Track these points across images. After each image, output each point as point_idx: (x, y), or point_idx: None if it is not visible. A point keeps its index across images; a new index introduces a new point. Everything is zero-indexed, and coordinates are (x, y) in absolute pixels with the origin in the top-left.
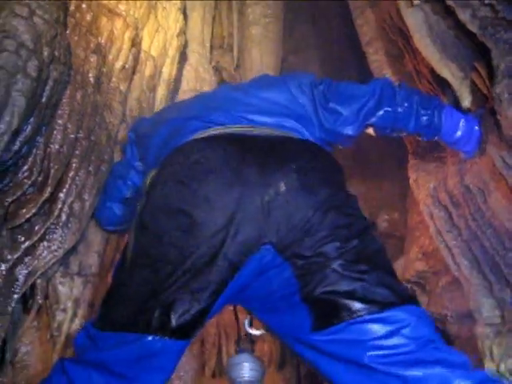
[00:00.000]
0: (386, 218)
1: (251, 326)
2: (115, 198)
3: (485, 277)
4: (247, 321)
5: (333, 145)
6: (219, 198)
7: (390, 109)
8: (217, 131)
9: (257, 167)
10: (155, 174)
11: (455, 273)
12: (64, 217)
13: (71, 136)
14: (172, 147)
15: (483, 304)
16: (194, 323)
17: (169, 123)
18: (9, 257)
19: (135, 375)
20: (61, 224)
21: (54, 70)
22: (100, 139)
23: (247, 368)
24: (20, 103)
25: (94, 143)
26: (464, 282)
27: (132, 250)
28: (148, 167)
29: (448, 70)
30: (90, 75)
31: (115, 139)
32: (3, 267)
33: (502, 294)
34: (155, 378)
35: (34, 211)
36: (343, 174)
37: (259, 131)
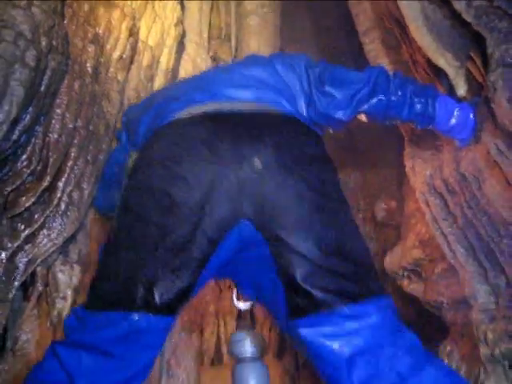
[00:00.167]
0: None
1: (239, 300)
2: (113, 184)
3: (480, 264)
4: (234, 294)
5: (323, 127)
6: (195, 177)
7: (384, 97)
8: (194, 110)
9: (230, 144)
10: (137, 158)
11: (451, 260)
12: (63, 205)
13: (69, 125)
14: (153, 130)
15: (478, 290)
16: (179, 299)
17: (154, 107)
18: (9, 245)
19: (122, 353)
20: (60, 212)
21: (52, 60)
22: (98, 129)
23: (249, 344)
24: (18, 93)
25: (92, 133)
26: (459, 269)
27: (116, 231)
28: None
29: (444, 59)
30: (88, 65)
31: (113, 129)
32: (3, 255)
33: (497, 281)
34: (142, 356)
35: (34, 200)
36: (324, 150)
37: (237, 106)
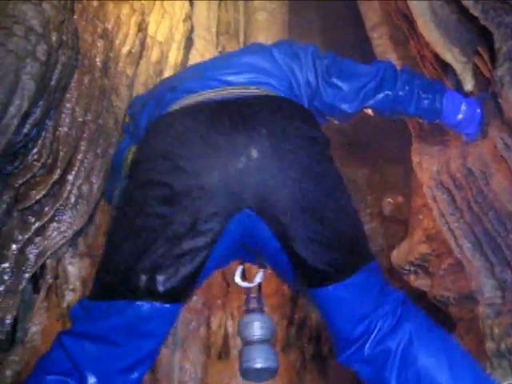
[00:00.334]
0: (391, 202)
1: (243, 279)
2: (122, 175)
3: (486, 258)
4: (239, 271)
5: (329, 118)
6: (195, 170)
7: (391, 92)
8: (190, 100)
9: (226, 135)
10: (137, 151)
11: (458, 255)
12: (73, 199)
13: (79, 119)
14: (151, 122)
15: (485, 285)
16: (183, 287)
17: (152, 100)
18: (20, 237)
19: (127, 341)
20: (70, 206)
21: (63, 55)
22: (107, 122)
23: (258, 326)
24: (30, 87)
25: (102, 126)
26: (466, 264)
27: (117, 222)
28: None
29: (451, 54)
30: (98, 60)
31: (122, 123)
32: (14, 247)
33: (503, 275)
34: (146, 344)
35: (44, 193)
36: (318, 130)
37: (231, 92)
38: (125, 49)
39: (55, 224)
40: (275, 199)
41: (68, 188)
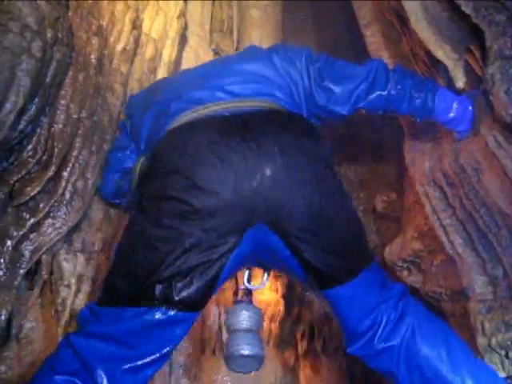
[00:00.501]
0: (384, 199)
1: (249, 281)
2: (117, 170)
3: (478, 254)
4: (246, 275)
5: (323, 119)
6: (210, 187)
7: (383, 92)
8: (197, 113)
9: (240, 152)
10: (149, 165)
11: (449, 251)
12: (68, 195)
13: (74, 116)
14: (159, 134)
15: (476, 281)
16: (200, 297)
17: (154, 107)
18: (15, 233)
19: (139, 345)
20: (65, 202)
21: (58, 52)
22: (102, 119)
23: (246, 315)
24: (25, 83)
25: (96, 123)
26: (458, 260)
27: (131, 232)
28: (139, 151)
29: (442, 52)
30: (92, 57)
31: (117, 120)
32: (9, 243)
33: (495, 271)
34: (160, 349)
35: (39, 189)
36: (324, 147)
37: (239, 106)
38: (119, 46)
39: (50, 220)
40: (287, 214)
41: (63, 184)
